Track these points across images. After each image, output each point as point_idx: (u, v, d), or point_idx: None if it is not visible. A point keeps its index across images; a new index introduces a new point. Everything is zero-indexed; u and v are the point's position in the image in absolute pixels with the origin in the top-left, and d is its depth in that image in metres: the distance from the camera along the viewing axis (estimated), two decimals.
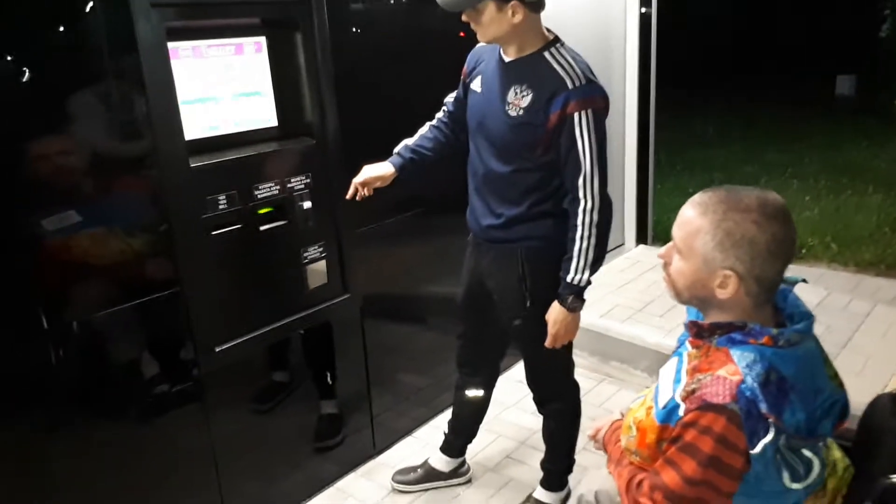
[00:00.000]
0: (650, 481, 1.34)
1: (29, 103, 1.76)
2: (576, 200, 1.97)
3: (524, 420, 2.99)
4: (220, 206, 2.16)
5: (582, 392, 3.12)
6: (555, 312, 2.05)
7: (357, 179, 2.26)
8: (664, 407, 1.34)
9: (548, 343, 2.09)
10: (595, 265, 2.01)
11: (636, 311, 3.54)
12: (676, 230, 1.37)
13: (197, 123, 2.13)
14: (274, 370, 2.51)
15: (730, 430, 1.22)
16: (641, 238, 4.52)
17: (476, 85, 2.12)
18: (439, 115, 2.33)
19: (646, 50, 4.21)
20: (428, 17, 2.74)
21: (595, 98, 1.93)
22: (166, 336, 2.14)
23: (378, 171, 2.25)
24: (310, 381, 2.62)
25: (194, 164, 2.07)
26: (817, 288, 3.77)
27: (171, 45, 1.98)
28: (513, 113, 1.98)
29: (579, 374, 3.29)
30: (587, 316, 3.40)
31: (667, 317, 3.44)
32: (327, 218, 2.45)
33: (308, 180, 2.37)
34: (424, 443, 2.89)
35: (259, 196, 2.26)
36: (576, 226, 1.97)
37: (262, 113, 2.34)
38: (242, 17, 2.23)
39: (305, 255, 2.43)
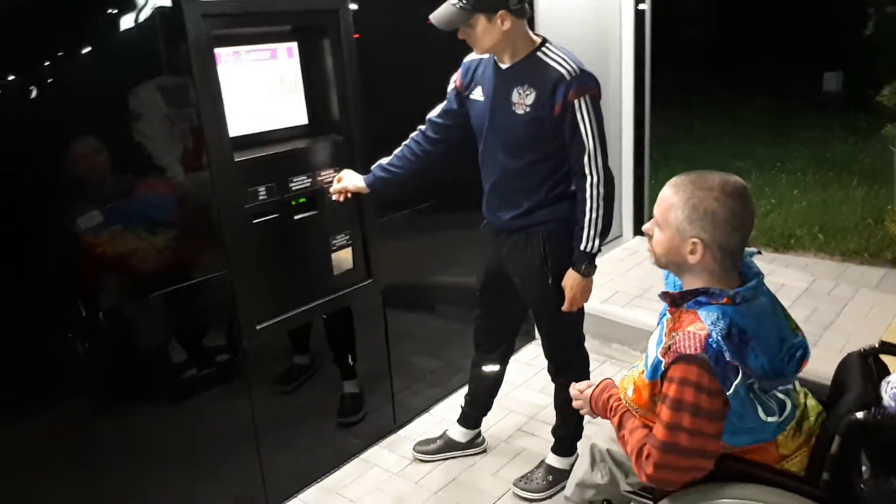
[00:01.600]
0: (651, 444, 1.55)
1: (96, 103, 1.96)
2: (582, 177, 2.20)
3: (533, 398, 3.22)
4: (261, 197, 2.37)
5: None
6: (570, 279, 2.29)
7: (336, 186, 2.51)
8: (651, 366, 1.58)
9: (565, 307, 2.33)
10: (604, 233, 2.25)
11: (635, 297, 3.76)
12: (656, 207, 1.62)
13: (238, 122, 2.34)
14: (304, 350, 2.72)
15: (702, 376, 1.46)
16: (638, 229, 4.75)
17: (477, 95, 2.35)
18: (419, 131, 2.53)
19: (640, 46, 4.41)
20: (433, 29, 2.97)
21: (590, 85, 2.17)
22: (217, 314, 2.36)
23: (354, 182, 2.52)
24: (335, 361, 2.84)
25: (238, 158, 2.29)
26: (804, 274, 4.01)
27: (216, 50, 2.20)
28: (520, 112, 2.21)
29: None
30: (590, 301, 3.65)
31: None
32: (353, 208, 2.66)
33: (336, 174, 2.58)
34: (440, 418, 3.11)
35: (293, 188, 2.47)
36: (584, 199, 2.21)
37: (294, 112, 2.55)
38: (277, 26, 2.45)
39: (333, 242, 2.64)
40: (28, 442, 1.96)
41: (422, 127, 2.53)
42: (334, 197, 2.53)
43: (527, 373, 3.41)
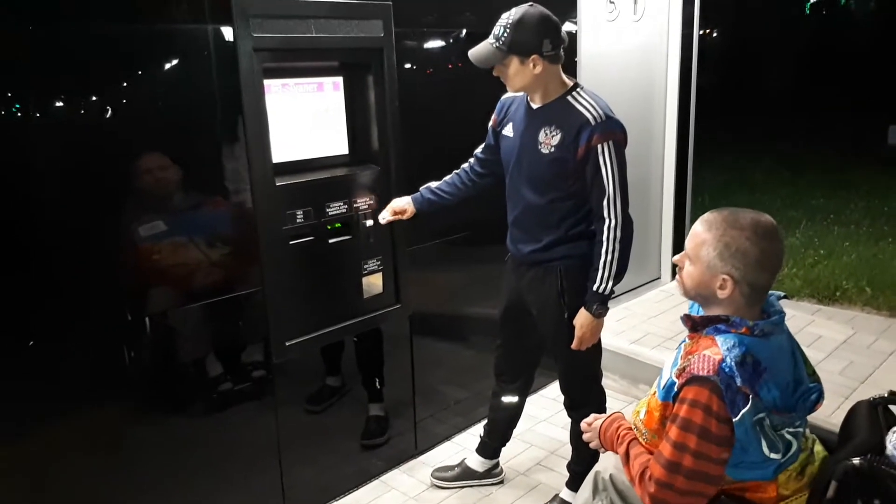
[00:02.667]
0: (655, 460, 1.59)
1: (160, 126, 2.15)
2: (601, 219, 2.27)
3: (554, 433, 3.23)
4: (298, 220, 2.51)
5: (611, 411, 3.37)
6: (581, 318, 2.33)
7: (384, 214, 2.64)
8: (664, 387, 1.62)
9: (574, 345, 2.37)
10: (618, 276, 2.30)
11: (666, 340, 3.75)
12: (688, 241, 1.68)
13: (282, 149, 2.49)
14: (331, 371, 2.81)
15: (713, 399, 1.50)
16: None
17: (508, 131, 2.45)
18: (467, 163, 2.66)
19: (686, 92, 4.45)
20: (468, 66, 3.09)
21: (615, 131, 2.24)
22: (250, 328, 2.48)
23: (400, 204, 2.63)
24: (361, 384, 2.92)
25: (279, 183, 2.43)
26: (845, 327, 3.92)
27: (265, 81, 2.36)
28: (545, 151, 2.30)
29: (610, 396, 3.54)
30: (620, 342, 3.68)
31: None
32: (386, 235, 2.78)
33: (372, 202, 2.71)
34: (461, 447, 3.15)
35: (330, 213, 2.60)
36: (601, 241, 2.27)
37: (335, 142, 2.70)
38: (324, 61, 2.60)
39: (365, 266, 2.75)
40: (62, 442, 2.08)
41: (470, 160, 2.65)
42: (382, 221, 2.65)
43: (551, 409, 3.43)
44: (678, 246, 4.69)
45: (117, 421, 2.20)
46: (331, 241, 2.62)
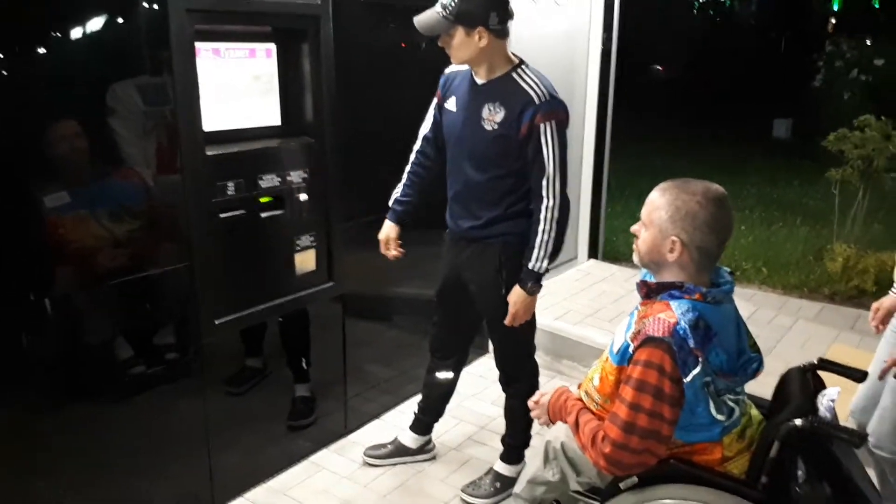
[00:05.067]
0: (610, 422, 1.63)
1: (75, 88, 1.97)
2: (539, 199, 2.28)
3: (483, 408, 3.27)
4: (229, 192, 2.39)
5: None
6: (515, 295, 2.35)
7: (383, 250, 2.63)
8: (618, 351, 1.67)
9: (507, 321, 2.39)
10: (553, 256, 2.33)
11: (586, 316, 3.87)
12: (644, 209, 1.73)
13: (212, 117, 2.36)
14: (252, 352, 2.70)
15: (665, 360, 1.56)
16: (593, 253, 4.90)
17: (451, 105, 2.42)
18: (415, 151, 2.61)
19: (605, 83, 4.60)
20: (412, 36, 3.05)
21: (558, 111, 2.26)
22: (176, 307, 2.35)
23: (384, 233, 2.63)
24: (287, 365, 2.84)
25: (209, 152, 2.31)
26: (748, 304, 4.17)
27: (196, 44, 2.22)
28: (489, 128, 2.28)
29: None
30: (543, 318, 3.74)
31: (614, 322, 3.78)
32: (320, 211, 2.70)
33: (306, 175, 2.62)
34: (391, 425, 3.13)
35: (262, 186, 2.50)
36: (538, 220, 2.29)
37: (267, 112, 2.58)
38: (258, 25, 2.48)
39: (298, 243, 2.67)
40: None
41: (417, 147, 2.60)
42: (387, 254, 2.65)
43: (479, 385, 3.47)
44: (594, 228, 4.84)
45: (23, 415, 2.02)
46: (263, 214, 2.52)
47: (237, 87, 2.46)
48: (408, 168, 2.63)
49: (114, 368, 2.25)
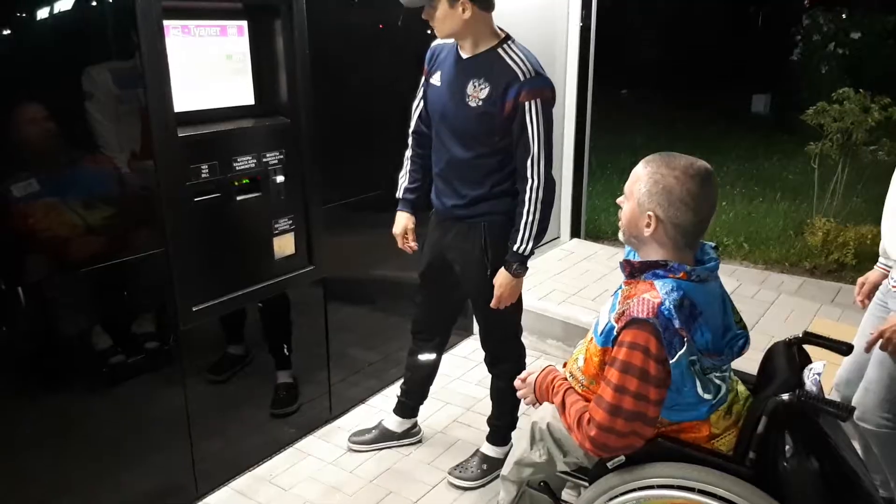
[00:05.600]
0: (595, 405, 1.61)
1: (40, 69, 1.89)
2: (524, 179, 2.23)
3: (470, 390, 3.25)
4: (203, 175, 2.33)
5: None
6: (501, 277, 2.32)
7: (401, 244, 2.59)
8: (602, 332, 1.64)
9: (493, 304, 2.35)
10: (538, 237, 2.29)
11: (570, 295, 3.85)
12: (628, 181, 1.68)
13: (184, 97, 2.28)
14: (238, 339, 2.66)
15: (651, 341, 1.53)
16: (575, 232, 4.87)
17: (435, 80, 2.36)
18: (412, 133, 2.54)
19: (585, 60, 4.55)
20: (396, 8, 2.98)
21: (543, 89, 2.20)
22: (152, 293, 2.29)
23: (401, 225, 2.57)
24: (270, 350, 2.79)
25: (181, 133, 2.24)
26: (731, 280, 4.18)
27: (164, 22, 2.14)
28: (473, 104, 2.23)
29: None
30: (528, 299, 3.72)
31: (598, 300, 3.77)
32: (298, 193, 2.64)
33: (282, 156, 2.55)
34: (377, 410, 3.10)
35: (237, 168, 2.43)
36: (524, 201, 2.24)
37: (241, 91, 2.51)
38: (228, 2, 2.40)
39: (276, 226, 2.61)
40: None
41: (412, 127, 2.54)
42: (405, 248, 2.60)
43: (464, 366, 3.45)
44: (576, 206, 4.81)
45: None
46: (239, 198, 2.46)
47: (209, 66, 2.39)
48: (408, 153, 2.57)
49: (91, 358, 2.19)
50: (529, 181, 2.22)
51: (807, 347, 1.83)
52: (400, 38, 2.99)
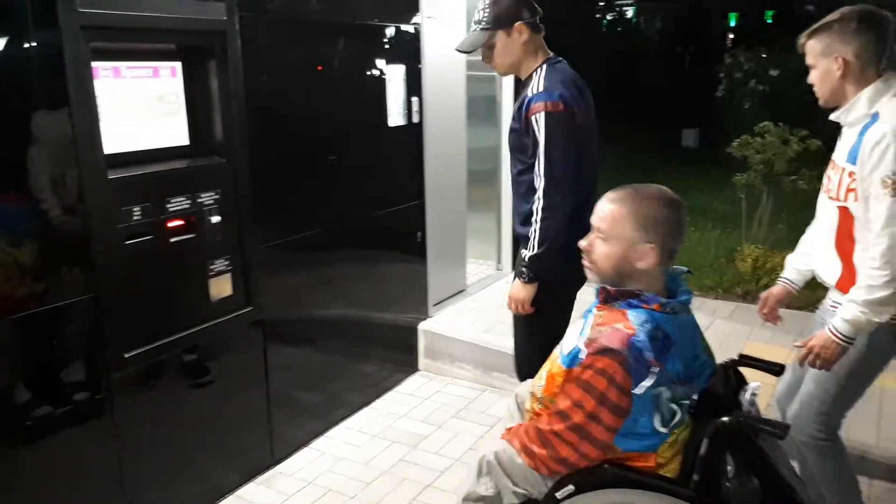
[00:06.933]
0: (552, 411, 1.64)
1: None
2: (533, 190, 2.28)
3: (416, 428, 3.21)
4: (135, 217, 2.27)
5: (466, 401, 3.41)
6: (513, 284, 2.39)
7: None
8: (568, 354, 1.65)
9: (507, 303, 2.42)
10: (539, 246, 2.25)
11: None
12: (600, 223, 1.70)
13: (115, 139, 2.24)
14: (179, 379, 2.57)
15: (619, 371, 1.55)
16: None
17: None
18: None
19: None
20: (332, 47, 3.01)
21: (544, 102, 2.22)
22: (83, 340, 2.20)
23: None
24: (212, 391, 2.70)
25: (112, 175, 2.18)
26: None
27: (94, 64, 2.11)
28: (511, 122, 2.36)
29: (464, 385, 3.59)
30: (472, 332, 3.73)
31: None
32: (234, 233, 2.60)
33: (217, 196, 2.52)
34: (321, 453, 3.03)
35: (170, 209, 2.38)
36: (532, 211, 2.28)
37: (175, 132, 2.47)
38: (160, 43, 2.38)
39: (212, 267, 2.56)
40: None
41: None
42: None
43: (409, 403, 3.42)
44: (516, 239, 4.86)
45: None
46: (173, 239, 2.41)
47: (141, 107, 2.35)
48: None
49: (15, 412, 2.08)
50: (537, 191, 2.26)
51: (742, 369, 1.88)
52: (338, 77, 3.01)
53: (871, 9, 1.94)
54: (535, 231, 2.28)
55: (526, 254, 2.31)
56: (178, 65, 2.44)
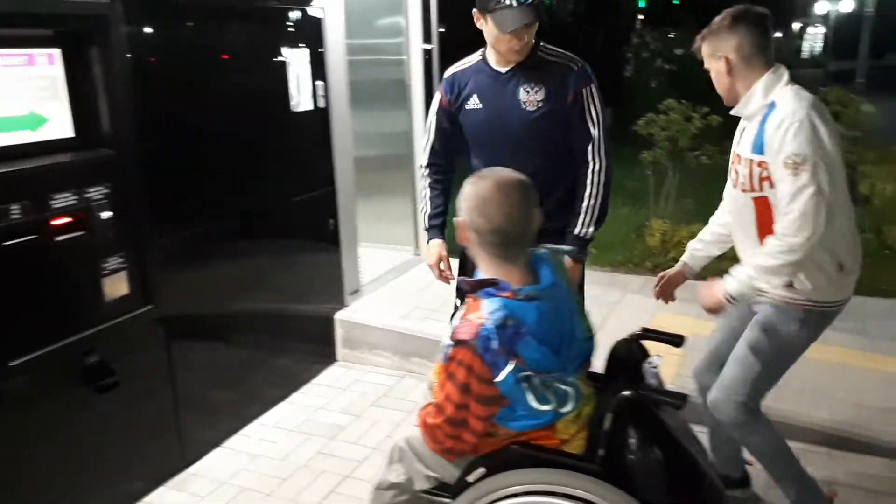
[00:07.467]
0: (433, 403, 1.68)
1: None
2: (585, 163, 2.28)
3: (334, 419, 3.16)
4: (13, 216, 2.12)
5: (385, 389, 3.39)
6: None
7: (435, 274, 2.49)
8: (442, 349, 1.66)
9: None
10: (599, 221, 2.30)
11: (432, 312, 3.85)
12: None
13: None
14: (78, 386, 2.43)
15: (474, 361, 1.56)
16: None
17: (473, 104, 2.36)
18: (426, 166, 2.51)
19: (430, 80, 4.62)
20: (229, 31, 2.89)
21: (593, 77, 2.32)
22: None
23: (435, 254, 2.46)
24: (114, 395, 2.56)
25: None
26: None
27: None
28: (531, 108, 2.27)
29: (382, 373, 3.57)
30: (390, 318, 3.69)
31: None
32: (129, 228, 2.46)
33: (107, 190, 2.38)
34: (236, 452, 2.94)
35: (54, 206, 2.24)
36: (586, 185, 2.28)
37: (57, 124, 2.32)
38: (33, 29, 2.22)
39: (105, 265, 2.42)
40: None
41: (423, 162, 2.51)
42: (441, 278, 2.46)
43: (326, 395, 3.36)
44: None
45: None
46: (58, 238, 2.26)
47: (15, 98, 2.19)
48: (424, 183, 2.53)
49: None
50: (591, 164, 2.27)
51: (646, 343, 1.92)
52: (235, 62, 2.89)
53: (746, 7, 2.04)
54: (593, 206, 2.29)
55: (583, 230, 2.28)
56: (56, 52, 2.28)
